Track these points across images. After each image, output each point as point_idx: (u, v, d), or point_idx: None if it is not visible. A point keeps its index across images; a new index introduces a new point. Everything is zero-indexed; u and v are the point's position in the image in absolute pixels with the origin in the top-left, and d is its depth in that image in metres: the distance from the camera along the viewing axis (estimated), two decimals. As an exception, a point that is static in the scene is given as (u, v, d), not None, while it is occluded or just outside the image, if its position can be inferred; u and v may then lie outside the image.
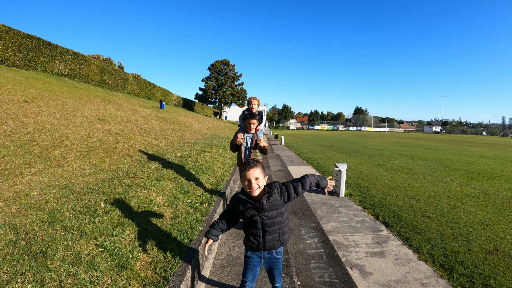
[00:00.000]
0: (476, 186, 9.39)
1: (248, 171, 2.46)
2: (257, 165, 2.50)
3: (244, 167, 2.49)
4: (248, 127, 5.23)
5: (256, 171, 2.46)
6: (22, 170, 4.37)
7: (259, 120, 5.29)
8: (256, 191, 2.49)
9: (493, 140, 60.24)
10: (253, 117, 5.11)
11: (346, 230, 5.43)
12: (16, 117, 6.85)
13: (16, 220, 3.10)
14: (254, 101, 5.30)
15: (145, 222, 3.93)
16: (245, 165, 2.50)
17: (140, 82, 35.76)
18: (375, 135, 59.97)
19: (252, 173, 2.46)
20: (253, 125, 5.19)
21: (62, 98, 11.92)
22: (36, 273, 2.47)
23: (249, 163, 2.49)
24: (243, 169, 2.49)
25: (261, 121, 5.40)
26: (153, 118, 16.11)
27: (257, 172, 2.47)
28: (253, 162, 2.50)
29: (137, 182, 5.25)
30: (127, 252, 3.15)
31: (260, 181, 2.49)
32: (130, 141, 8.41)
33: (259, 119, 5.25)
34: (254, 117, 5.12)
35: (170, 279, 2.90)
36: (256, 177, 2.46)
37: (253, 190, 2.47)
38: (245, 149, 5.27)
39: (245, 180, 2.48)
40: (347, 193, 7.99)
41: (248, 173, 2.45)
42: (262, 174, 2.52)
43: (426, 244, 4.82)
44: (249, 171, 2.45)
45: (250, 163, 2.49)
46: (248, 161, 2.52)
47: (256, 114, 5.18)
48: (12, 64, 17.53)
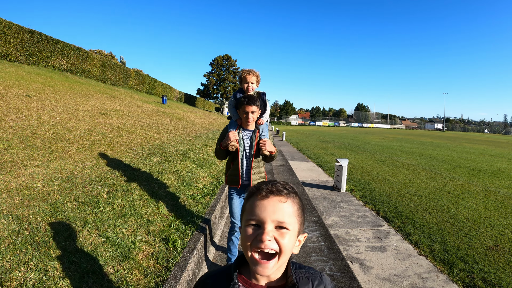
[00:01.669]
0: (477, 183, 9.39)
1: (267, 207, 0.97)
2: (289, 197, 1.01)
3: (258, 196, 1.00)
4: (245, 120, 3.23)
5: (287, 210, 0.99)
6: (25, 163, 4.39)
7: (262, 108, 3.43)
8: (270, 269, 0.97)
9: (494, 138, 60.10)
10: (252, 102, 3.12)
11: (347, 225, 5.45)
12: (18, 111, 6.87)
13: (19, 211, 3.12)
14: (251, 76, 3.33)
15: (147, 214, 3.95)
16: (262, 192, 1.00)
17: (141, 77, 35.78)
18: (377, 132, 59.93)
19: (276, 211, 0.97)
20: (253, 116, 3.19)
21: (64, 92, 11.93)
22: (39, 262, 2.49)
23: (274, 190, 0.99)
24: (257, 198, 1.00)
25: (265, 110, 3.50)
26: (154, 113, 16.12)
27: (288, 212, 0.99)
28: (283, 189, 1.01)
29: (139, 174, 5.27)
30: (129, 242, 3.18)
31: (286, 237, 0.98)
32: (132, 135, 8.43)
33: (262, 107, 3.38)
34: (253, 103, 3.13)
35: (172, 269, 2.93)
36: (282, 222, 0.97)
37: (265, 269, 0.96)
38: (242, 157, 3.32)
39: (254, 218, 0.98)
40: (348, 188, 8.00)
41: (267, 211, 0.97)
42: (296, 221, 1.02)
43: (426, 239, 4.84)
44: (271, 207, 0.98)
45: (279, 189, 1.00)
46: (274, 186, 1.00)
47: (257, 98, 3.20)
48: (14, 59, 17.54)
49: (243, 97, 3.19)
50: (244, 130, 3.36)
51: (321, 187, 8.28)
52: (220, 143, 3.29)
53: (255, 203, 1.01)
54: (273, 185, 1.03)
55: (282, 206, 0.99)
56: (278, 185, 1.03)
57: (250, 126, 3.35)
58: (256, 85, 3.44)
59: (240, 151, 3.30)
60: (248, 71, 3.37)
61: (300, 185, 8.14)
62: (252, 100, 3.14)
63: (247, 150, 3.34)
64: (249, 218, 1.00)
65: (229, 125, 3.44)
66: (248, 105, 3.14)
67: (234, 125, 3.39)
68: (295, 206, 1.02)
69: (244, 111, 3.18)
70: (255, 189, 1.04)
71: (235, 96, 3.46)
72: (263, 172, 3.52)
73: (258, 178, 3.41)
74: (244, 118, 3.24)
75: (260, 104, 3.26)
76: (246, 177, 3.37)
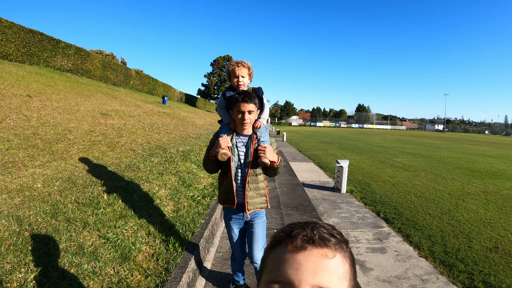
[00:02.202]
0: (478, 184, 9.39)
1: (305, 264, 0.61)
2: (338, 249, 0.65)
3: (290, 246, 0.64)
4: (240, 123, 2.58)
5: (336, 270, 0.63)
6: (25, 163, 4.39)
7: (259, 105, 2.69)
8: None
9: (495, 139, 60.08)
10: (248, 99, 2.50)
11: (347, 226, 5.44)
12: (19, 111, 6.88)
13: (19, 212, 3.13)
14: (240, 68, 2.70)
15: (148, 215, 3.96)
16: (296, 241, 0.64)
17: (142, 77, 35.80)
18: (377, 133, 59.89)
19: (319, 272, 0.61)
20: (250, 116, 2.55)
21: (65, 92, 11.95)
22: (40, 263, 2.50)
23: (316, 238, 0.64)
24: (287, 250, 0.64)
25: (263, 110, 2.80)
26: (155, 113, 16.13)
27: (338, 274, 0.63)
28: (330, 236, 0.65)
29: (140, 175, 5.28)
30: (129, 243, 3.18)
31: None
32: (132, 135, 8.43)
33: (258, 105, 2.66)
34: (251, 100, 2.51)
35: (172, 270, 2.93)
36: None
37: None
38: (236, 168, 2.70)
39: (282, 281, 0.62)
40: (348, 189, 8.00)
41: (304, 271, 0.60)
42: (347, 287, 0.63)
43: (426, 241, 4.84)
44: (311, 264, 0.61)
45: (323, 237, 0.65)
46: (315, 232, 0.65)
47: (253, 94, 2.57)
48: (14, 59, 17.57)
49: (238, 93, 2.53)
50: (239, 135, 2.70)
51: (321, 188, 8.28)
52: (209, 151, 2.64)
53: (284, 258, 0.64)
54: (313, 229, 0.66)
55: (328, 264, 0.63)
56: (321, 230, 0.67)
57: (246, 130, 2.67)
58: (249, 79, 2.80)
59: (232, 161, 2.63)
60: (237, 62, 2.73)
61: (300, 186, 8.14)
62: (248, 96, 2.48)
63: (242, 160, 2.67)
64: (274, 279, 0.64)
65: (219, 130, 2.80)
66: (244, 103, 2.47)
67: (226, 130, 2.74)
68: (347, 263, 0.66)
69: (239, 110, 2.50)
70: (284, 235, 0.68)
71: (224, 95, 2.79)
72: (263, 189, 2.81)
73: (256, 196, 2.74)
74: (239, 120, 2.54)
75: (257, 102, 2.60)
76: (240, 194, 2.70)
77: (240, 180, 2.69)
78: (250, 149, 2.64)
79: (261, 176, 2.76)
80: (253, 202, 2.72)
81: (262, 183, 2.78)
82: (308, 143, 23.60)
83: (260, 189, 2.76)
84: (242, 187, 2.69)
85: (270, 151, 2.53)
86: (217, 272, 3.61)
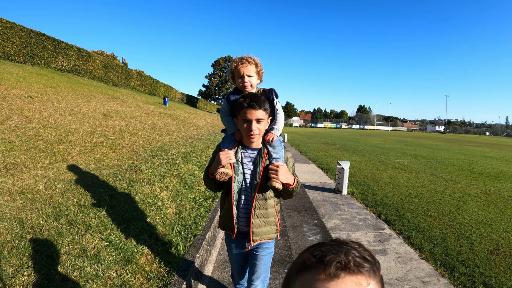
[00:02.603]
0: (479, 186, 9.38)
1: None
2: (372, 275, 0.59)
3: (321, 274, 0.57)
4: (246, 134, 2.10)
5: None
6: (27, 165, 4.41)
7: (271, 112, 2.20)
8: None
9: (496, 140, 59.99)
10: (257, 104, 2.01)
11: (348, 228, 5.45)
12: (20, 112, 6.89)
13: (22, 214, 3.14)
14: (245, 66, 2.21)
15: (150, 217, 3.97)
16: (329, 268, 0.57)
17: (143, 78, 35.82)
18: (378, 134, 59.87)
19: None
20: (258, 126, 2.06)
21: (66, 93, 11.97)
22: (42, 266, 2.51)
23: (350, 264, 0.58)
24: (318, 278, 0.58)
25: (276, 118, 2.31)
26: (156, 114, 16.15)
27: None
28: (363, 261, 0.59)
29: (142, 177, 5.29)
30: (132, 246, 3.19)
31: None
32: (134, 136, 8.45)
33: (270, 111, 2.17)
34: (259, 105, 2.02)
35: (175, 273, 2.94)
36: None
37: None
38: (240, 190, 2.20)
39: None
40: (349, 191, 8.00)
41: None
42: None
43: (427, 242, 4.84)
44: None
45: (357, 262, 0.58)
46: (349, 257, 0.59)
47: (262, 98, 2.07)
48: (16, 60, 17.60)
49: (243, 96, 2.04)
50: (246, 148, 2.19)
51: (322, 189, 8.28)
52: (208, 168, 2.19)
53: (315, 286, 0.57)
54: (347, 253, 0.60)
55: None
56: (354, 253, 0.60)
57: (254, 143, 2.16)
58: (258, 78, 2.28)
59: (235, 182, 2.11)
60: (241, 59, 2.19)
61: (301, 188, 8.14)
62: (256, 100, 1.98)
63: (248, 180, 2.15)
64: None
65: (222, 141, 2.30)
66: (250, 109, 1.97)
67: (230, 142, 2.24)
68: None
69: (245, 118, 2.00)
70: (315, 260, 0.60)
71: (228, 100, 2.31)
72: (274, 216, 2.25)
73: (263, 225, 2.20)
74: (245, 131, 2.05)
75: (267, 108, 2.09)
76: (243, 221, 2.20)
77: (244, 205, 2.18)
78: (259, 167, 2.12)
79: (271, 200, 2.21)
80: (260, 232, 2.19)
81: (272, 208, 2.22)
82: (309, 144, 23.58)
83: (270, 216, 2.22)
84: (246, 213, 2.18)
85: (284, 171, 2.03)
86: (219, 274, 3.62)
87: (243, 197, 2.16)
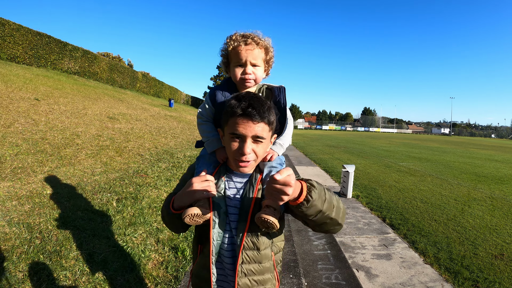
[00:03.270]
0: (484, 190, 9.34)
1: None
2: None
3: None
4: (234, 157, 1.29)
5: None
6: (34, 169, 4.46)
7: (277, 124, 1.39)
8: None
9: (502, 143, 59.58)
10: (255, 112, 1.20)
11: (353, 232, 5.46)
12: (27, 115, 6.97)
13: (30, 219, 3.18)
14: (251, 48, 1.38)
15: (157, 222, 4.00)
16: None
17: (149, 80, 36.00)
18: (383, 136, 59.64)
19: None
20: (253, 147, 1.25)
21: (72, 96, 12.06)
22: (52, 272, 2.55)
23: None
24: None
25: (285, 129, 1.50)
26: (162, 117, 16.22)
27: None
28: None
29: (148, 181, 5.33)
30: (139, 251, 3.23)
31: None
32: (140, 140, 8.51)
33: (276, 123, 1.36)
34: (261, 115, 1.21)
35: (182, 278, 2.97)
36: None
37: None
38: (221, 238, 1.34)
39: None
40: (354, 194, 8.00)
41: None
42: None
43: (432, 247, 4.84)
44: None
45: None
46: None
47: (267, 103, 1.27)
48: (22, 62, 17.78)
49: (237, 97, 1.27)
50: (231, 175, 1.43)
51: (326, 193, 8.28)
52: (172, 197, 1.37)
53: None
54: None
55: None
56: None
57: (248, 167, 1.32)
58: (265, 70, 1.52)
59: (214, 227, 1.32)
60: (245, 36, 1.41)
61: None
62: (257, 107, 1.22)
63: (234, 222, 1.35)
64: None
65: (197, 161, 1.54)
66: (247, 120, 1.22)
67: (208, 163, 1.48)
68: None
69: (235, 133, 1.24)
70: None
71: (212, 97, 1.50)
72: (271, 272, 1.42)
73: (255, 286, 1.36)
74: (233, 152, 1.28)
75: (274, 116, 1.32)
76: (226, 282, 1.39)
77: (228, 257, 1.35)
78: (250, 202, 1.33)
79: (267, 250, 1.37)
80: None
81: (269, 262, 1.39)
82: (314, 147, 23.55)
83: (265, 272, 1.38)
84: (232, 269, 1.35)
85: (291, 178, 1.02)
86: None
87: (226, 246, 1.35)
